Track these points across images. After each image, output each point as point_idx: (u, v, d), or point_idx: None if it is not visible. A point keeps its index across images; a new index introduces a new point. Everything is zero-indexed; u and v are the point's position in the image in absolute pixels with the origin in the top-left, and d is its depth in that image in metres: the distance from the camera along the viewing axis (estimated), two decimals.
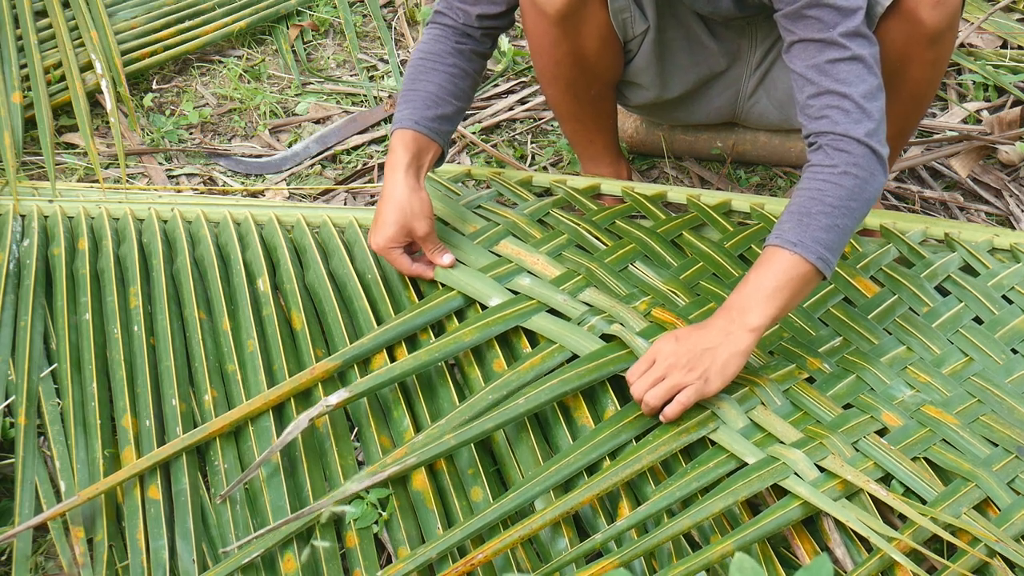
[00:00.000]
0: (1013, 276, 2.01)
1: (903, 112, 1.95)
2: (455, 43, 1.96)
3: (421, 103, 1.92)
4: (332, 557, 1.57)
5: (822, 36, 1.66)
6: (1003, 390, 1.80)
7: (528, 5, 1.90)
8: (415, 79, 1.95)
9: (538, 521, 1.54)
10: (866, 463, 1.63)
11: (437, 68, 1.94)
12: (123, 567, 1.57)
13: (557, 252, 1.98)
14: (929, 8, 1.77)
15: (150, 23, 2.71)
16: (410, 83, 1.95)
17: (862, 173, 1.66)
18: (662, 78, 2.06)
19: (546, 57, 1.98)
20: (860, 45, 1.67)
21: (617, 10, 1.92)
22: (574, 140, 2.26)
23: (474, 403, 1.69)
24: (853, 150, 1.65)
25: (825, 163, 1.66)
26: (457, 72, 1.95)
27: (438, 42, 1.96)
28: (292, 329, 1.89)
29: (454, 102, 1.94)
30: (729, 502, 1.56)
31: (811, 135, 1.69)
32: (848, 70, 1.66)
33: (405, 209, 1.86)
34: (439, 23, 1.98)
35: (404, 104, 1.93)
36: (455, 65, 1.95)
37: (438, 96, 1.93)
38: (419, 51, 1.97)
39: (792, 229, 1.65)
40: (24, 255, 2.01)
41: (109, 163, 2.44)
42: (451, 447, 1.63)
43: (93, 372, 1.79)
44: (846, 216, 1.65)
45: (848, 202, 1.65)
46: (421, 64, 1.96)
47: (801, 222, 1.65)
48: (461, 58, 1.96)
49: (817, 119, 1.68)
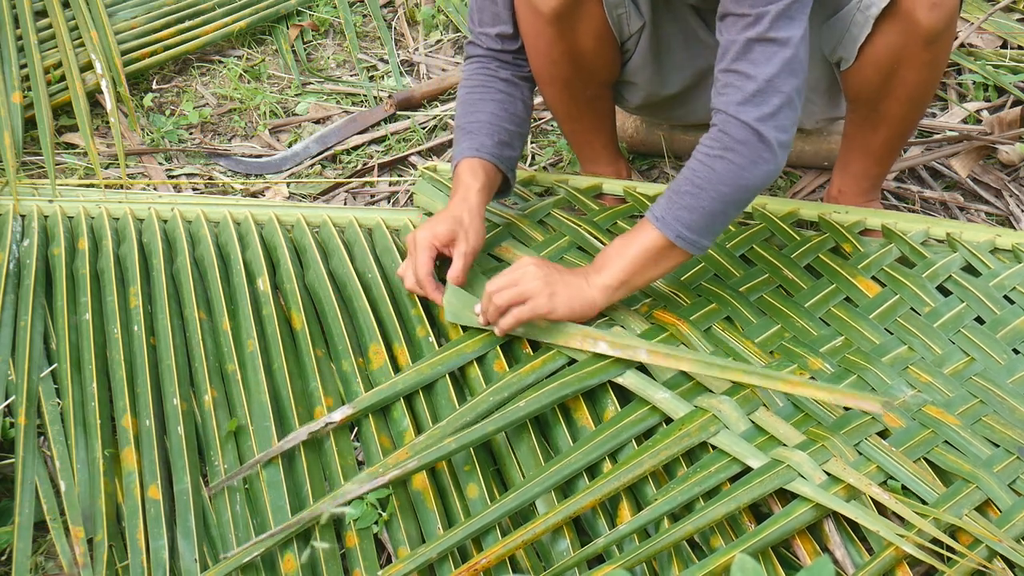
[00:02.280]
0: (1015, 276, 2.01)
1: (901, 113, 1.94)
2: (493, 71, 1.96)
3: (479, 133, 1.90)
4: (332, 557, 1.56)
5: (749, 11, 1.65)
6: (1005, 390, 1.80)
7: (523, 5, 1.89)
8: (466, 114, 1.94)
9: (540, 526, 1.53)
10: (869, 466, 1.63)
11: (484, 98, 1.94)
12: (123, 567, 1.56)
13: (559, 255, 1.98)
14: (926, 9, 1.77)
15: (150, 23, 2.72)
16: (462, 119, 1.94)
17: (739, 159, 1.66)
18: (659, 75, 2.05)
19: (542, 57, 1.97)
20: (787, 27, 1.65)
21: (612, 6, 1.90)
22: (572, 140, 2.25)
23: (475, 405, 1.69)
24: (736, 134, 1.67)
25: (707, 142, 1.70)
26: (504, 98, 1.94)
27: (478, 74, 1.97)
28: (292, 329, 1.89)
29: (510, 127, 1.93)
30: (732, 507, 1.56)
31: (712, 109, 1.71)
32: (762, 51, 1.65)
33: (463, 220, 1.84)
34: (473, 56, 1.99)
35: (462, 137, 1.91)
36: (500, 91, 1.94)
37: (492, 124, 1.91)
38: (462, 88, 1.98)
39: (661, 204, 1.72)
40: (24, 255, 2.01)
41: (109, 163, 2.44)
42: (452, 451, 1.63)
43: (93, 372, 1.79)
44: (714, 200, 1.68)
45: (718, 186, 1.68)
46: (467, 98, 1.95)
47: (670, 199, 1.71)
48: (505, 84, 1.95)
49: (718, 95, 1.70)
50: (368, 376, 1.80)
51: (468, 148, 1.89)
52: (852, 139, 2.07)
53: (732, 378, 1.71)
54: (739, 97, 1.66)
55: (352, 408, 1.71)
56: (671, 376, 1.74)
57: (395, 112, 2.63)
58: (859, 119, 2.02)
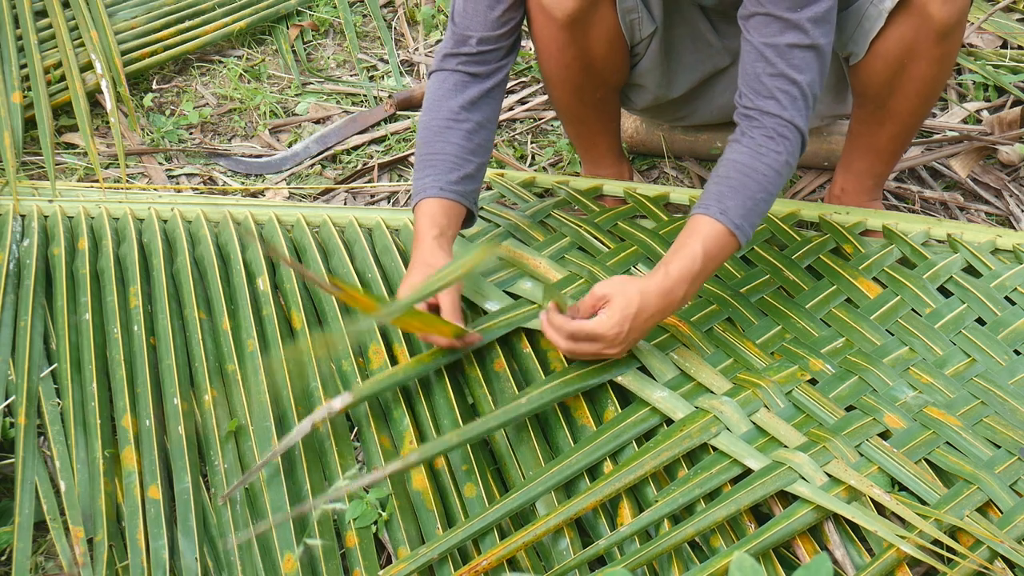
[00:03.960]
0: (1016, 277, 2.00)
1: (909, 108, 1.95)
2: (464, 94, 1.85)
3: (442, 167, 1.82)
4: (332, 557, 1.56)
5: (788, 16, 1.67)
6: (1006, 391, 1.79)
7: (537, 9, 1.87)
8: (429, 142, 1.84)
9: (541, 527, 1.53)
10: (870, 467, 1.63)
11: (451, 127, 1.84)
12: (123, 567, 1.56)
13: (559, 255, 1.98)
14: (939, 4, 1.78)
15: (150, 23, 2.71)
16: (426, 147, 1.85)
17: (794, 163, 1.73)
18: (667, 78, 2.05)
19: (553, 61, 1.96)
20: (822, 33, 1.69)
21: (626, 11, 1.90)
22: (577, 142, 2.25)
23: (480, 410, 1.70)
24: (795, 139, 1.71)
25: (771, 148, 1.70)
26: (472, 127, 1.85)
27: (448, 98, 1.85)
28: (292, 329, 1.89)
29: (473, 159, 1.84)
30: (732, 510, 1.56)
31: (754, 109, 1.72)
32: (803, 57, 1.69)
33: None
34: (442, 69, 1.88)
35: (425, 170, 1.83)
36: (467, 120, 1.85)
37: (457, 157, 1.83)
38: (428, 110, 1.87)
39: (735, 208, 1.68)
40: (24, 255, 2.01)
41: (109, 163, 2.44)
42: (453, 445, 1.63)
43: (93, 372, 1.79)
44: (771, 204, 1.74)
45: (777, 192, 1.73)
46: (433, 126, 1.85)
47: (745, 205, 1.69)
48: (473, 111, 1.86)
49: (766, 98, 1.71)
50: (368, 376, 1.80)
51: (430, 185, 1.80)
52: (857, 136, 2.07)
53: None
54: (791, 104, 1.70)
55: (352, 396, 1.67)
56: (672, 376, 1.74)
57: (395, 112, 2.63)
58: (866, 115, 2.02)
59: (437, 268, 1.69)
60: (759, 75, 1.71)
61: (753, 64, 1.71)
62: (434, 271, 1.67)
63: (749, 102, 1.72)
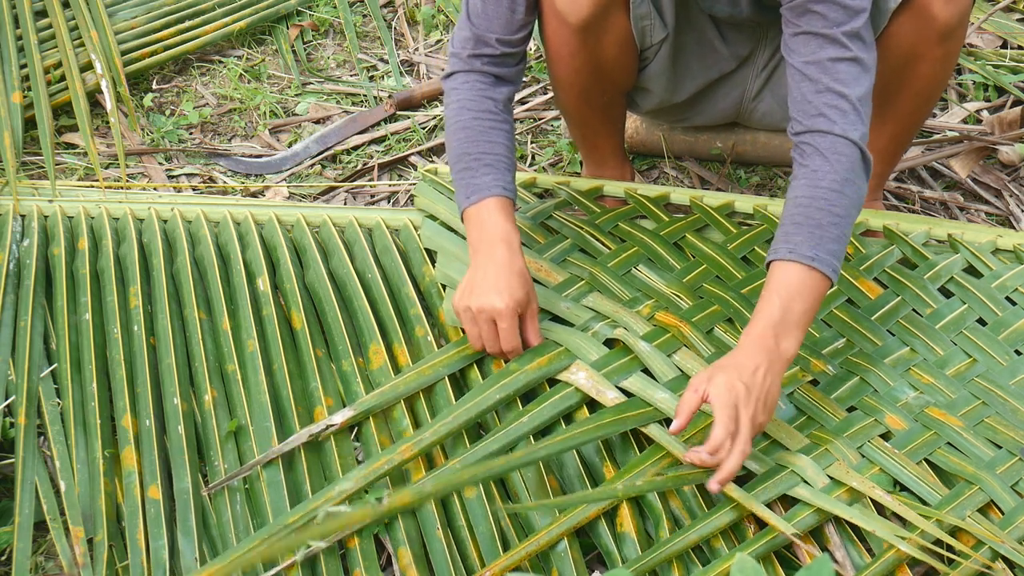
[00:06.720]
0: (1017, 277, 2.00)
1: (910, 109, 1.95)
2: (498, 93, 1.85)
3: (499, 166, 1.80)
4: (332, 557, 1.56)
5: (825, 32, 1.65)
6: (1007, 392, 1.79)
7: (550, 14, 1.86)
8: (476, 140, 1.81)
9: (544, 538, 1.53)
10: (871, 469, 1.63)
11: (496, 126, 1.83)
12: (123, 567, 1.56)
13: (561, 257, 1.98)
14: (942, 3, 1.78)
15: (150, 23, 2.71)
16: (471, 144, 1.82)
17: (859, 180, 1.64)
18: (673, 83, 2.04)
19: (563, 65, 1.95)
20: (860, 48, 1.66)
21: (639, 17, 1.89)
22: (581, 144, 2.25)
23: (479, 403, 1.70)
24: (852, 154, 1.63)
25: (827, 169, 1.63)
26: (510, 129, 1.85)
27: (484, 97, 1.84)
28: (292, 329, 1.88)
29: (514, 162, 1.86)
30: (735, 516, 1.56)
31: (806, 132, 1.65)
32: (847, 70, 1.65)
33: (528, 280, 1.76)
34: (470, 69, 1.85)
35: (480, 168, 1.80)
36: (506, 121, 1.85)
37: (507, 158, 1.82)
38: (464, 108, 1.84)
39: (804, 243, 1.61)
40: (24, 255, 2.00)
41: (109, 163, 2.44)
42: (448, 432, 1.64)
43: (93, 372, 1.79)
44: (849, 225, 1.64)
45: (851, 211, 1.64)
46: (476, 125, 1.82)
47: (814, 234, 1.61)
48: (508, 112, 1.86)
49: (815, 116, 1.65)
50: (368, 376, 1.80)
51: (495, 184, 1.79)
52: None
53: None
54: (842, 118, 1.63)
55: (353, 410, 1.70)
56: (673, 377, 1.74)
57: (395, 112, 2.62)
58: None
59: (519, 272, 1.74)
60: (805, 95, 1.66)
61: (798, 86, 1.67)
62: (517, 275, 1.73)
63: (799, 126, 1.66)
